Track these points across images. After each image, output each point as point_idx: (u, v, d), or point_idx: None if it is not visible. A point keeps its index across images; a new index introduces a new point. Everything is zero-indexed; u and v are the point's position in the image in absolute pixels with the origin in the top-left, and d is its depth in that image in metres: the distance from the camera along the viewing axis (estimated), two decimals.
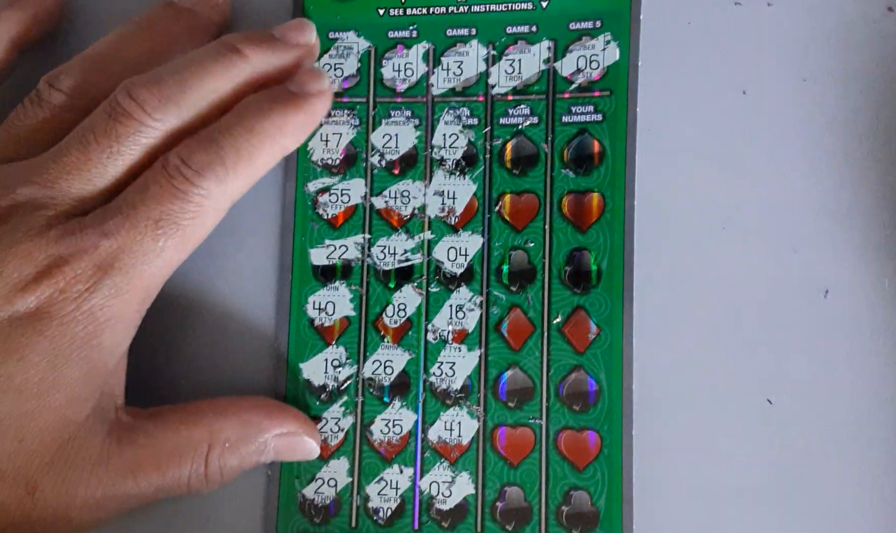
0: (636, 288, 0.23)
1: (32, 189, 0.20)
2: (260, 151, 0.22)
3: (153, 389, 0.24)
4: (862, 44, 0.23)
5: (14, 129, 0.22)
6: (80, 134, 0.21)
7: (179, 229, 0.21)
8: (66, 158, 0.21)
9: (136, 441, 0.21)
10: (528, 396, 0.23)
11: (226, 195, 0.21)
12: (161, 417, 0.22)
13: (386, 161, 0.24)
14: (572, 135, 0.24)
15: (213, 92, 0.22)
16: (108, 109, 0.21)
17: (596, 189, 0.23)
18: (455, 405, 0.23)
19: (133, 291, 0.21)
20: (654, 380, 0.23)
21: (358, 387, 0.24)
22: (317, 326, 0.24)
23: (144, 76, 0.21)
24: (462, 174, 0.24)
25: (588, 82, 0.24)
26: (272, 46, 0.23)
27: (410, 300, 0.24)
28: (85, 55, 0.23)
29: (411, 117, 0.24)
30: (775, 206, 0.23)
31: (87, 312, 0.20)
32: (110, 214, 0.20)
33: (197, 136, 0.21)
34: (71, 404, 0.20)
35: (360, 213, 0.24)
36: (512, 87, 0.24)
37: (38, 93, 0.22)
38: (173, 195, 0.21)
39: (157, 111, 0.21)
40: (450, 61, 0.24)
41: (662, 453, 0.23)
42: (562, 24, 0.24)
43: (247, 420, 0.22)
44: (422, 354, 0.24)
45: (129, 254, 0.20)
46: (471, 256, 0.24)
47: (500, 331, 0.24)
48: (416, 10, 0.24)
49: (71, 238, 0.20)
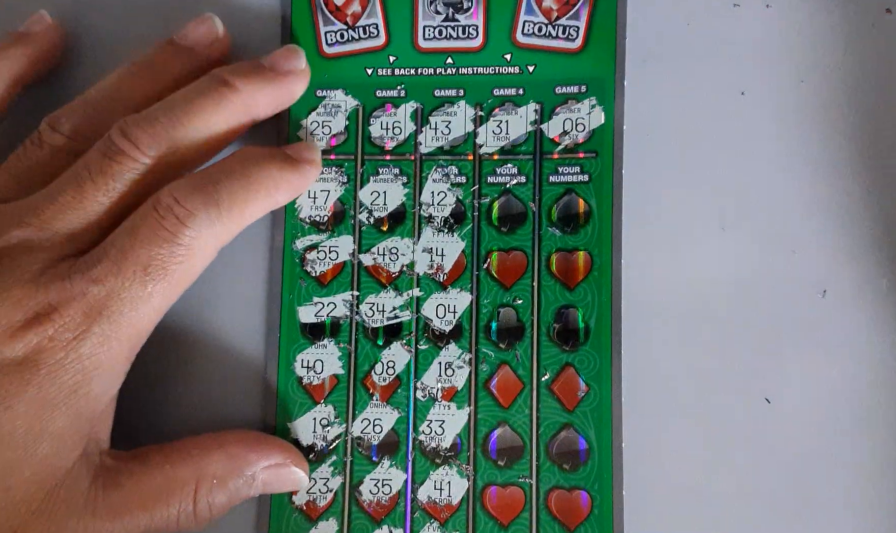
0: (624, 345, 0.23)
1: (26, 231, 0.20)
2: (254, 200, 0.22)
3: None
4: (861, 44, 0.24)
5: (14, 169, 0.22)
6: (74, 173, 0.21)
7: (168, 274, 0.21)
8: (61, 197, 0.21)
9: (122, 484, 0.21)
10: (517, 454, 0.23)
11: (215, 239, 0.22)
12: (146, 457, 0.22)
13: (374, 218, 0.25)
14: (559, 194, 0.24)
15: (206, 128, 0.22)
16: (103, 148, 0.21)
17: (583, 248, 0.24)
18: (445, 464, 0.23)
19: (121, 339, 0.21)
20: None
21: (347, 446, 0.24)
22: (305, 384, 0.24)
23: (138, 115, 0.22)
24: (450, 231, 0.24)
25: (574, 144, 0.24)
26: (262, 75, 0.23)
27: (399, 358, 0.24)
28: (86, 97, 0.23)
29: (399, 175, 0.25)
30: (774, 207, 0.24)
31: (75, 360, 0.20)
32: (98, 259, 0.20)
33: (190, 177, 0.22)
34: (58, 453, 0.20)
35: (348, 270, 0.24)
36: (499, 147, 0.24)
37: (39, 134, 0.22)
38: (163, 237, 0.20)
39: (150, 149, 0.21)
40: (438, 120, 0.25)
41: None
42: (548, 88, 0.24)
43: (233, 454, 0.22)
44: (411, 412, 0.24)
45: (117, 300, 0.20)
46: (459, 313, 0.24)
47: (490, 388, 0.24)
48: (404, 70, 0.25)
49: (60, 284, 0.20)
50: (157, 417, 0.24)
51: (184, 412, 0.24)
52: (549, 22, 0.24)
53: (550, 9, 0.24)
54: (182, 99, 0.22)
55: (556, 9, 0.24)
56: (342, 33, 0.25)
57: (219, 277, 0.25)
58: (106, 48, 0.26)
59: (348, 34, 0.25)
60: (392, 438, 0.24)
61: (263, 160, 0.23)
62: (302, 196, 0.25)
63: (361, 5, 0.25)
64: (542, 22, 0.24)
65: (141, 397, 0.24)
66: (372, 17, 0.25)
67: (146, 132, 0.21)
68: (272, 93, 0.23)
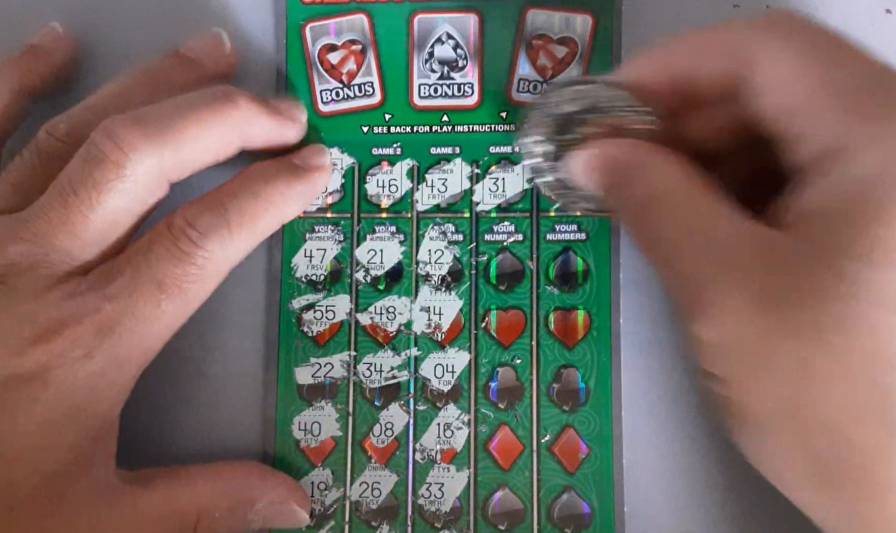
0: (625, 405, 0.23)
1: (23, 247, 0.20)
2: (263, 216, 0.22)
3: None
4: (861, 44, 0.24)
5: (13, 178, 0.22)
6: (59, 185, 0.21)
7: (181, 292, 0.21)
8: (49, 213, 0.20)
9: (125, 508, 0.21)
10: (518, 518, 0.23)
11: (227, 258, 0.22)
12: (151, 482, 0.21)
13: (371, 277, 0.24)
14: (557, 252, 0.24)
15: (198, 136, 0.21)
16: (85, 154, 0.20)
17: (582, 306, 0.24)
18: (445, 529, 0.23)
19: (131, 357, 0.20)
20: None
21: (345, 511, 0.23)
22: (303, 447, 0.24)
23: (125, 115, 0.21)
24: (448, 290, 0.24)
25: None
26: (263, 107, 0.23)
27: (397, 419, 0.24)
28: (86, 103, 0.23)
29: (396, 233, 0.25)
30: None
31: (83, 377, 0.20)
32: (113, 276, 0.20)
33: (201, 199, 0.22)
34: (63, 471, 0.20)
35: (345, 329, 0.24)
36: (496, 205, 0.24)
37: (36, 141, 0.22)
38: (178, 257, 0.20)
39: (133, 151, 0.20)
40: (434, 178, 0.25)
41: None
42: None
43: (237, 489, 0.22)
44: (409, 476, 0.23)
45: (130, 318, 0.20)
46: (458, 373, 0.24)
47: (489, 449, 0.23)
48: (400, 128, 0.25)
49: (72, 301, 0.20)
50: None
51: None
52: (544, 80, 0.24)
53: (545, 67, 0.25)
54: (179, 103, 0.21)
55: (551, 67, 0.25)
56: (338, 92, 0.25)
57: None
58: (118, 61, 0.25)
59: (344, 92, 0.25)
60: (391, 501, 0.23)
61: (271, 176, 0.23)
62: (297, 255, 0.24)
63: (357, 64, 0.25)
64: (537, 80, 0.25)
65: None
66: (367, 76, 0.25)
67: (132, 133, 0.20)
68: (268, 125, 0.23)
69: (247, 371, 0.24)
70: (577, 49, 0.24)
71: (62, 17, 0.25)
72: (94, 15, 0.26)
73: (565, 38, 0.24)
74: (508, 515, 0.23)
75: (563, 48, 0.24)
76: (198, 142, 0.21)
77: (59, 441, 0.20)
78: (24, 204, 0.21)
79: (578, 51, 0.24)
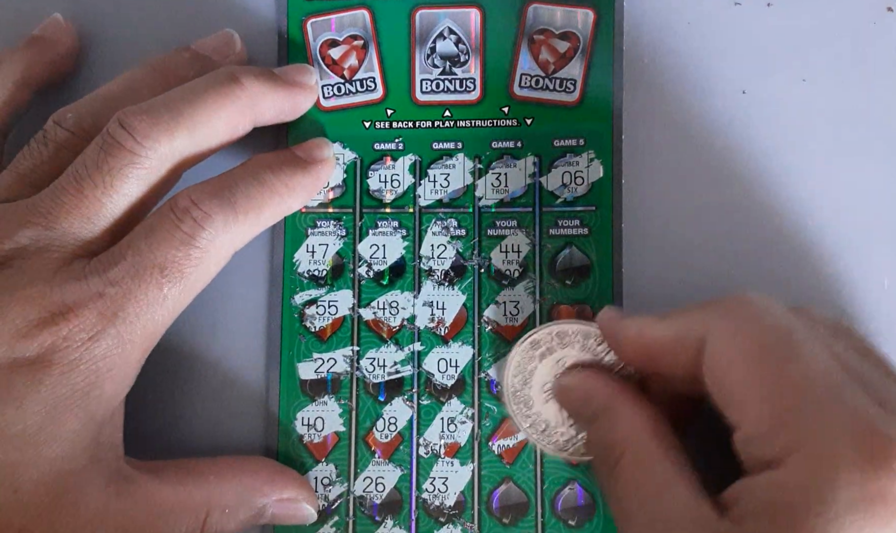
0: None
1: (34, 231, 0.20)
2: (268, 204, 0.22)
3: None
4: (862, 44, 0.24)
5: (21, 168, 0.22)
6: (74, 170, 0.21)
7: (184, 277, 0.21)
8: (62, 197, 0.20)
9: (134, 496, 0.21)
10: (522, 511, 0.23)
11: (230, 242, 0.21)
12: (161, 473, 0.21)
13: (374, 272, 0.24)
14: (559, 247, 0.24)
15: (208, 121, 0.22)
16: (101, 141, 0.21)
17: (584, 300, 0.24)
18: (449, 523, 0.23)
19: (135, 341, 0.20)
20: None
21: (349, 506, 0.23)
22: (306, 442, 0.24)
23: (138, 105, 0.21)
24: (451, 284, 0.24)
25: (573, 197, 0.24)
26: (271, 80, 0.23)
27: (401, 414, 0.24)
28: (95, 94, 0.23)
29: (399, 228, 0.25)
30: (773, 208, 0.24)
31: (88, 361, 0.20)
32: (115, 260, 0.20)
33: (207, 182, 0.22)
34: (68, 455, 0.20)
35: (348, 324, 0.24)
36: (499, 200, 0.24)
37: (44, 132, 0.22)
38: (180, 240, 0.20)
39: (147, 139, 0.21)
40: (436, 173, 0.25)
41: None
42: (546, 140, 0.24)
43: (247, 485, 0.22)
44: (413, 470, 0.23)
45: (133, 302, 0.20)
46: (461, 368, 0.24)
47: (493, 444, 0.23)
48: (402, 123, 0.25)
49: (76, 285, 0.20)
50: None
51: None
52: (546, 75, 0.25)
53: (547, 62, 0.25)
54: (187, 91, 0.22)
55: (553, 62, 0.25)
56: (339, 87, 0.25)
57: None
58: (121, 53, 0.25)
59: (346, 88, 0.25)
60: (395, 496, 0.23)
61: (276, 166, 0.23)
62: (300, 251, 0.24)
63: (358, 59, 0.25)
64: (539, 75, 0.25)
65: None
66: (369, 71, 0.25)
67: (144, 122, 0.21)
68: (277, 99, 0.23)
69: (250, 367, 0.24)
70: (578, 44, 0.24)
71: (64, 8, 0.25)
72: (95, 8, 0.26)
73: (567, 32, 0.25)
74: (512, 508, 0.23)
75: (565, 43, 0.24)
76: (208, 126, 0.22)
77: (64, 426, 0.20)
78: (31, 193, 0.21)
79: (580, 45, 0.24)
